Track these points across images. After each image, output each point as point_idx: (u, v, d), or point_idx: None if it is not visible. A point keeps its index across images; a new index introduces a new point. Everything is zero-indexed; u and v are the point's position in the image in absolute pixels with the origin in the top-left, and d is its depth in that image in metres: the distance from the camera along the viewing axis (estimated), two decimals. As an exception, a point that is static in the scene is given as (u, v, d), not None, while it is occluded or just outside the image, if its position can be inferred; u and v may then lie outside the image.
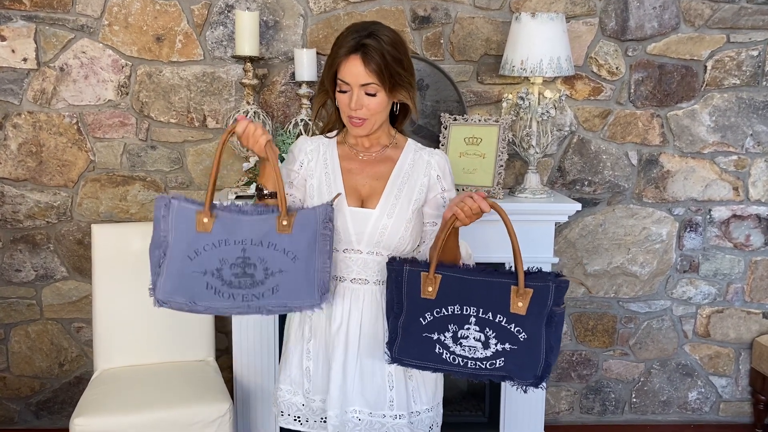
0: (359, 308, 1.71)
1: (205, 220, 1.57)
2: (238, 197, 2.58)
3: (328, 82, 1.67)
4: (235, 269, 1.57)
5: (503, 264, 2.64)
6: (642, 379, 3.20)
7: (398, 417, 1.71)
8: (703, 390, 3.23)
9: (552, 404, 3.18)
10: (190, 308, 1.61)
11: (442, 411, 1.83)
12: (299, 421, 1.78)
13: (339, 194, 1.65)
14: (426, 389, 1.76)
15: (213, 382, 2.49)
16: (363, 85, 1.62)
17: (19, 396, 3.04)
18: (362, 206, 1.70)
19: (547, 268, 2.70)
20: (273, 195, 1.65)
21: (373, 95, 1.64)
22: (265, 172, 1.65)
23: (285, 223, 1.58)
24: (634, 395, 3.21)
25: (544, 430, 2.82)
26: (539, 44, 2.59)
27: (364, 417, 1.70)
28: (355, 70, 1.62)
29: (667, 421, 3.24)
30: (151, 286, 1.61)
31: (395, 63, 1.63)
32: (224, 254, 1.57)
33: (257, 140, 1.57)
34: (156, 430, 2.26)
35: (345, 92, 1.65)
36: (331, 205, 1.62)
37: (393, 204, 1.69)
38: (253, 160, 2.66)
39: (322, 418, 1.76)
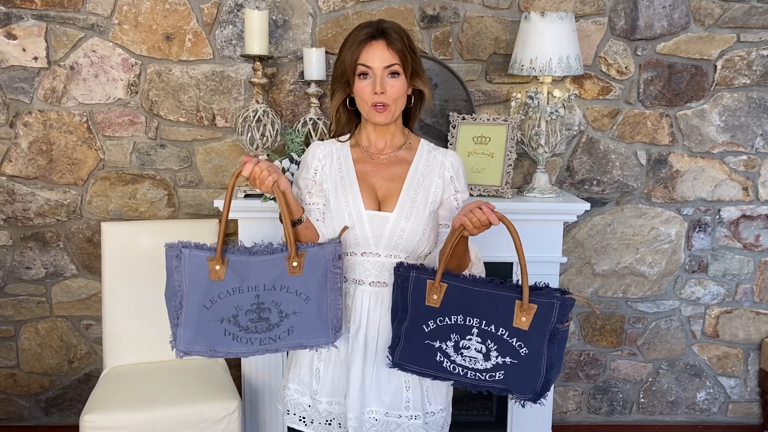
0: (378, 311, 1.72)
1: (217, 267, 1.58)
2: (246, 195, 2.58)
3: (349, 71, 1.68)
4: (250, 315, 1.60)
5: (513, 263, 2.64)
6: (650, 380, 3.19)
7: (414, 417, 1.73)
8: (711, 390, 3.21)
9: (559, 404, 3.18)
10: (211, 355, 1.64)
11: (451, 410, 1.84)
12: (304, 421, 1.78)
13: (346, 227, 1.66)
14: (440, 389, 1.77)
15: (221, 379, 2.50)
16: (387, 66, 1.65)
17: (28, 393, 3.06)
18: (379, 208, 1.70)
19: (555, 268, 2.71)
20: (298, 222, 1.66)
21: (396, 77, 1.66)
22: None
23: (295, 264, 1.59)
24: (642, 395, 3.20)
25: (552, 429, 2.82)
26: (548, 43, 2.59)
27: (381, 417, 1.71)
28: (379, 53, 1.65)
29: (675, 421, 3.23)
30: (171, 339, 1.63)
31: (412, 49, 1.69)
32: (239, 301, 1.59)
33: (263, 182, 1.57)
34: (165, 428, 2.27)
35: (366, 80, 1.66)
36: (339, 241, 1.63)
37: (410, 207, 1.70)
38: (262, 158, 2.67)
39: (327, 421, 1.77)
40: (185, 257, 1.58)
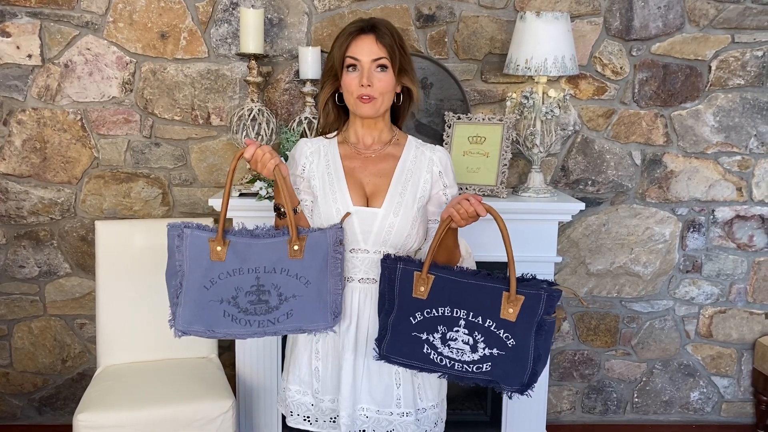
0: (368, 308, 1.71)
1: (219, 248, 1.58)
2: (241, 195, 2.58)
3: (338, 64, 1.69)
4: (250, 296, 1.60)
5: (501, 263, 2.64)
6: (644, 379, 3.20)
7: (405, 414, 1.72)
8: (705, 390, 3.22)
9: (554, 403, 3.19)
10: (209, 335, 1.64)
11: (446, 406, 1.84)
12: (309, 421, 1.78)
13: (348, 213, 1.66)
14: (431, 386, 1.77)
15: (216, 378, 2.50)
16: (375, 60, 1.66)
17: (21, 392, 3.04)
18: (367, 204, 1.71)
19: (550, 267, 2.71)
20: (293, 212, 1.65)
21: (384, 71, 1.67)
22: (279, 192, 1.65)
23: (296, 248, 1.60)
24: (636, 395, 3.21)
25: (546, 429, 2.82)
26: (544, 43, 2.59)
27: (372, 414, 1.71)
28: (367, 47, 1.67)
29: (669, 421, 3.24)
30: (170, 318, 1.63)
31: (401, 46, 1.70)
32: (239, 282, 1.59)
33: (265, 165, 1.57)
34: (159, 427, 2.26)
35: (354, 72, 1.67)
36: (341, 226, 1.63)
37: (398, 202, 1.70)
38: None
39: (331, 418, 1.77)
40: (187, 237, 1.58)
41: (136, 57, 2.83)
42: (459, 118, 2.75)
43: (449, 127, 2.75)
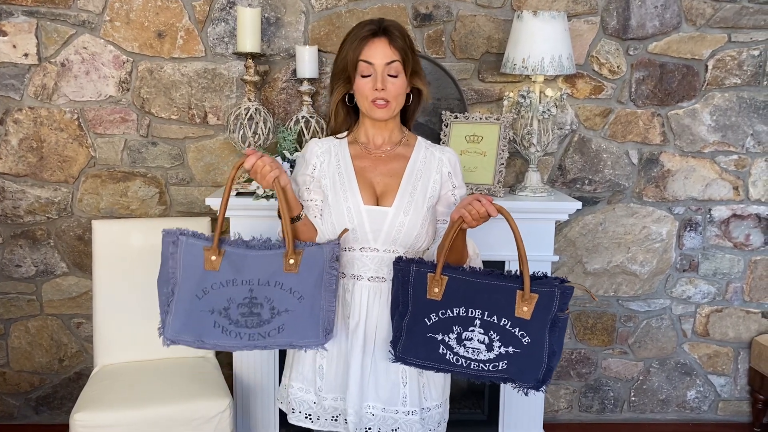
0: (377, 306, 1.72)
1: (213, 257, 1.57)
2: (238, 194, 2.57)
3: (351, 67, 1.69)
4: (242, 309, 1.58)
5: (506, 262, 2.65)
6: (641, 378, 3.21)
7: (411, 413, 1.73)
8: (701, 389, 3.23)
9: (551, 402, 3.19)
10: (198, 346, 1.62)
11: (448, 407, 1.85)
12: (310, 418, 1.78)
13: (346, 230, 1.66)
14: (436, 385, 1.78)
15: (213, 378, 2.50)
16: (388, 63, 1.68)
17: (18, 391, 3.04)
18: (377, 204, 1.72)
19: (547, 266, 2.71)
20: (296, 219, 1.66)
21: (396, 76, 1.69)
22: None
23: (292, 261, 1.58)
24: (632, 394, 3.22)
25: (543, 428, 2.83)
26: (541, 42, 2.59)
27: (378, 413, 1.72)
28: (381, 50, 1.68)
29: (666, 419, 3.24)
30: (160, 325, 1.61)
31: (411, 48, 1.73)
32: (232, 293, 1.58)
33: (264, 176, 1.57)
34: (156, 426, 2.26)
35: (367, 77, 1.68)
36: (338, 242, 1.62)
37: (408, 201, 1.71)
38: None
39: (333, 417, 1.77)
40: (182, 244, 1.57)
41: (133, 56, 2.83)
42: (456, 118, 2.75)
43: (446, 127, 2.75)
